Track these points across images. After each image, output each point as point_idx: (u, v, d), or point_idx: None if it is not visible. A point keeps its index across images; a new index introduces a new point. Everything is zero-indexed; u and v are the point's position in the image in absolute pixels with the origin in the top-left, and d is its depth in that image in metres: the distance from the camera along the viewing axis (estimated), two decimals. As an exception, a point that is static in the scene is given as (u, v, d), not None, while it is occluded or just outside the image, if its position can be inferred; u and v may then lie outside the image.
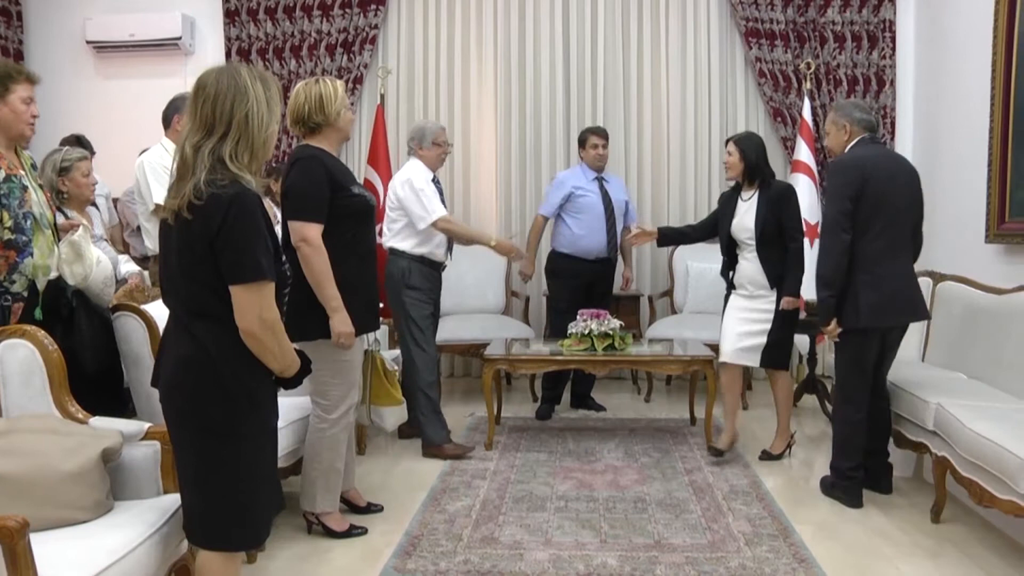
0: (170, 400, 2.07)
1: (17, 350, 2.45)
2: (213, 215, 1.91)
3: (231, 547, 2.11)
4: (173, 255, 2.03)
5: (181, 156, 1.99)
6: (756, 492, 3.74)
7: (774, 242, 4.12)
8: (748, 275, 4.18)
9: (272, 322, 2.00)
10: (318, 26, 6.25)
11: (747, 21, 6.01)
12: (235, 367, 2.00)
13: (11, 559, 1.74)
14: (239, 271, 1.93)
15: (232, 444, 2.02)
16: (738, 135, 4.37)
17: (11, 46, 6.32)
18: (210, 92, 1.98)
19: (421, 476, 4.00)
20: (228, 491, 2.03)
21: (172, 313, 2.10)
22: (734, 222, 4.21)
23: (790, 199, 4.18)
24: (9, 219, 2.78)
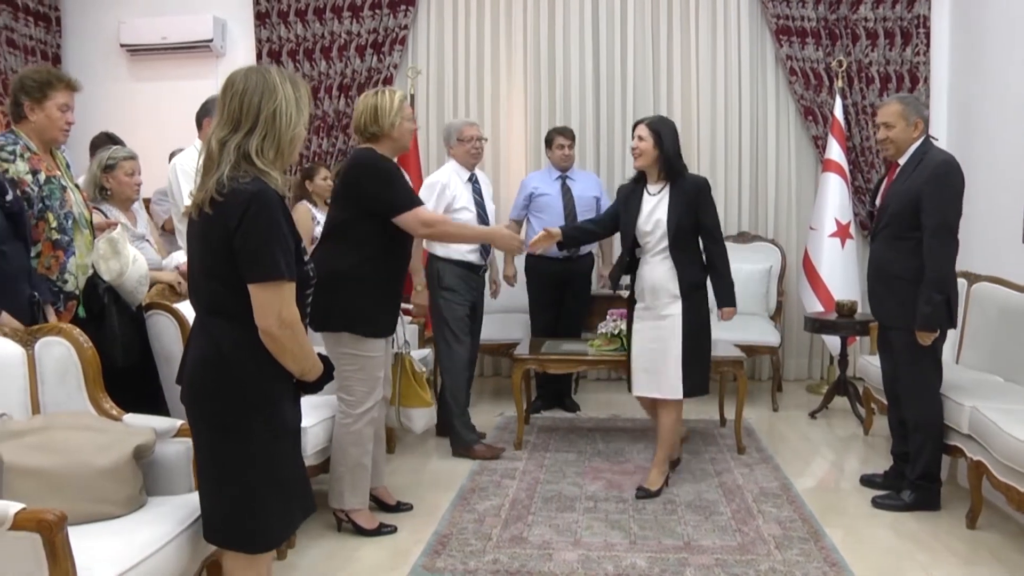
0: (188, 399, 2.08)
1: (53, 348, 2.49)
2: (233, 211, 1.91)
3: (245, 548, 2.09)
4: (196, 252, 2.04)
5: (207, 150, 2.00)
6: (786, 495, 3.70)
7: (689, 244, 3.64)
8: (654, 282, 3.64)
9: (291, 322, 1.97)
10: (348, 27, 6.28)
11: (778, 19, 5.94)
12: (251, 367, 1.99)
13: (50, 551, 1.77)
14: (257, 269, 1.92)
15: (246, 445, 2.00)
16: (651, 117, 3.80)
17: (49, 50, 6.43)
18: (238, 88, 1.99)
19: (450, 475, 4.00)
20: (241, 491, 2.02)
21: (195, 310, 2.12)
22: (640, 219, 3.67)
23: (708, 195, 3.70)
24: (54, 220, 2.84)
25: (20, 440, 2.20)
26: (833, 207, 5.60)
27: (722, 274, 3.67)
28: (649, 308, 3.66)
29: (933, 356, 3.47)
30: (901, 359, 3.54)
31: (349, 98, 6.25)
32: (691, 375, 3.58)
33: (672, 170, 3.64)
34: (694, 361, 3.60)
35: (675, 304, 3.58)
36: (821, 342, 5.92)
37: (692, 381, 3.59)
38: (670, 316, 3.58)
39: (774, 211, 6.16)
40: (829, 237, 5.59)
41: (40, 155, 2.91)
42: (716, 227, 3.67)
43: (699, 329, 3.62)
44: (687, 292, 3.58)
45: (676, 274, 3.59)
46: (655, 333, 3.62)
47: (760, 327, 5.44)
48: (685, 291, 3.58)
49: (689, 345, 3.57)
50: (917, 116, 3.48)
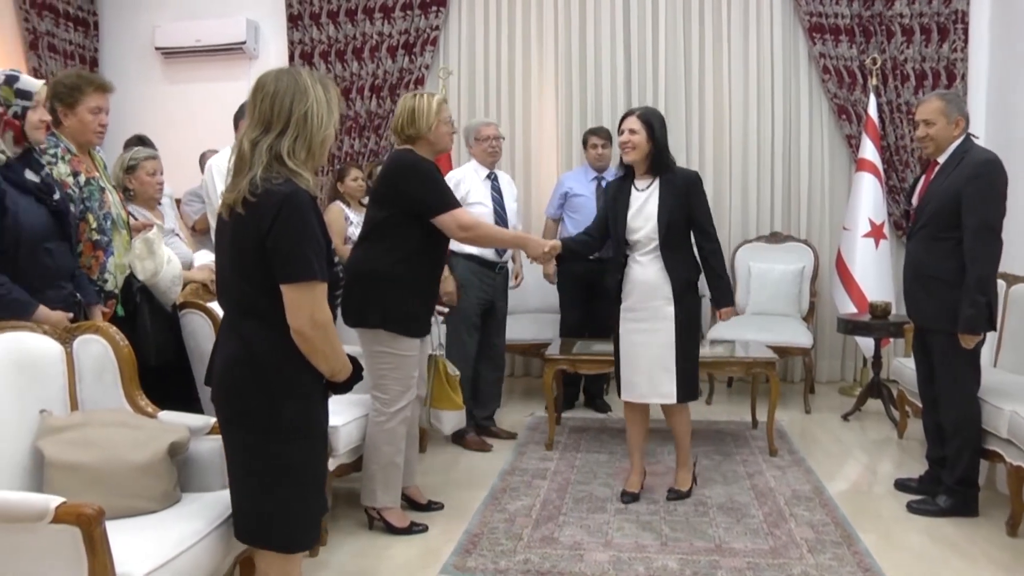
0: (218, 399, 2.10)
1: (91, 346, 2.53)
2: (265, 212, 1.92)
3: (276, 548, 2.10)
4: (227, 252, 2.05)
5: (239, 151, 2.02)
6: (819, 498, 3.65)
7: (681, 241, 3.46)
8: (644, 282, 3.46)
9: (324, 323, 1.99)
10: (379, 28, 6.32)
11: (811, 16, 5.88)
12: (283, 368, 2.00)
13: (89, 544, 1.80)
14: (291, 270, 1.94)
15: (276, 445, 2.02)
16: (640, 108, 3.57)
17: (87, 54, 6.56)
18: (269, 90, 2.01)
19: (481, 475, 4.01)
20: (272, 490, 2.04)
21: (224, 310, 2.14)
22: (629, 217, 3.48)
23: (700, 188, 3.52)
24: (95, 220, 2.89)
25: (60, 436, 2.24)
26: (867, 207, 5.54)
27: (718, 273, 3.51)
28: (638, 309, 3.47)
29: (972, 359, 3.40)
30: (938, 362, 3.48)
31: (380, 99, 6.29)
32: (685, 379, 3.46)
33: (662, 163, 3.46)
34: (688, 365, 3.46)
35: (668, 306, 3.41)
36: (854, 344, 5.85)
37: (687, 385, 3.47)
38: (664, 319, 3.42)
39: (807, 211, 6.09)
40: (863, 237, 5.53)
41: (80, 157, 2.96)
42: (709, 222, 3.50)
43: (693, 331, 3.49)
44: (680, 293, 3.41)
45: (668, 274, 3.41)
46: (648, 338, 3.44)
47: (792, 328, 5.38)
48: (679, 292, 3.41)
49: (683, 349, 3.43)
50: (958, 113, 3.42)
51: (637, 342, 3.47)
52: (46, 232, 2.56)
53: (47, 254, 2.57)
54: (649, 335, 3.44)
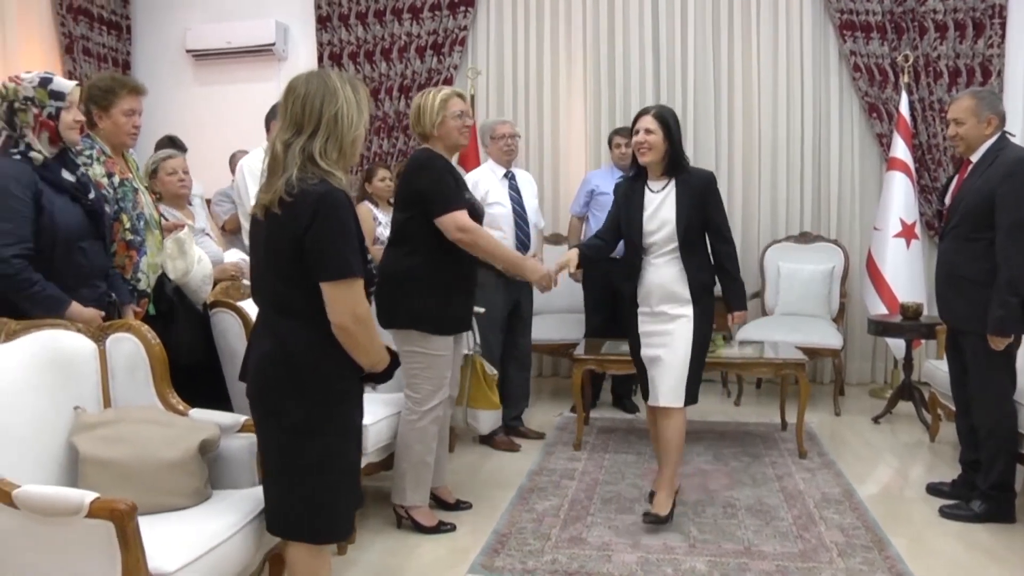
0: (253, 395, 2.13)
1: (123, 344, 2.56)
2: (302, 212, 1.96)
3: (309, 540, 2.15)
4: (261, 251, 2.09)
5: (272, 153, 2.06)
6: (849, 501, 3.61)
7: (698, 243, 3.36)
8: (660, 285, 3.32)
9: (364, 317, 2.04)
10: (408, 29, 6.34)
11: (842, 13, 5.81)
12: (320, 365, 2.04)
13: (122, 539, 1.83)
14: (330, 268, 1.98)
15: (312, 439, 2.06)
16: (655, 107, 3.42)
17: (120, 57, 6.66)
18: (300, 92, 2.05)
19: (509, 475, 4.01)
20: (307, 485, 2.08)
21: (259, 309, 2.16)
22: (645, 219, 3.35)
23: (716, 189, 3.41)
24: (128, 221, 2.94)
25: (93, 432, 2.28)
26: (898, 206, 5.47)
27: (733, 276, 3.40)
28: (655, 313, 3.34)
29: (1006, 361, 3.35)
30: (972, 364, 3.42)
31: (409, 99, 6.31)
32: (692, 382, 3.30)
33: (678, 164, 3.34)
34: (696, 369, 3.32)
35: (686, 307, 3.29)
36: (885, 345, 5.78)
37: (691, 388, 3.31)
38: (679, 318, 3.28)
39: (837, 211, 6.02)
40: (894, 237, 5.46)
41: (114, 158, 3.01)
42: (725, 225, 3.40)
43: (707, 335, 3.36)
44: (698, 295, 3.30)
45: (686, 276, 3.29)
46: (661, 339, 3.31)
47: (822, 329, 5.33)
48: (696, 294, 3.30)
49: (696, 353, 3.29)
50: (990, 112, 3.36)
51: (652, 344, 3.35)
52: (81, 231, 2.60)
53: (82, 253, 2.61)
54: (663, 337, 3.31)
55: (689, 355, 3.28)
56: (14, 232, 2.43)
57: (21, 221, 2.44)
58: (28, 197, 2.46)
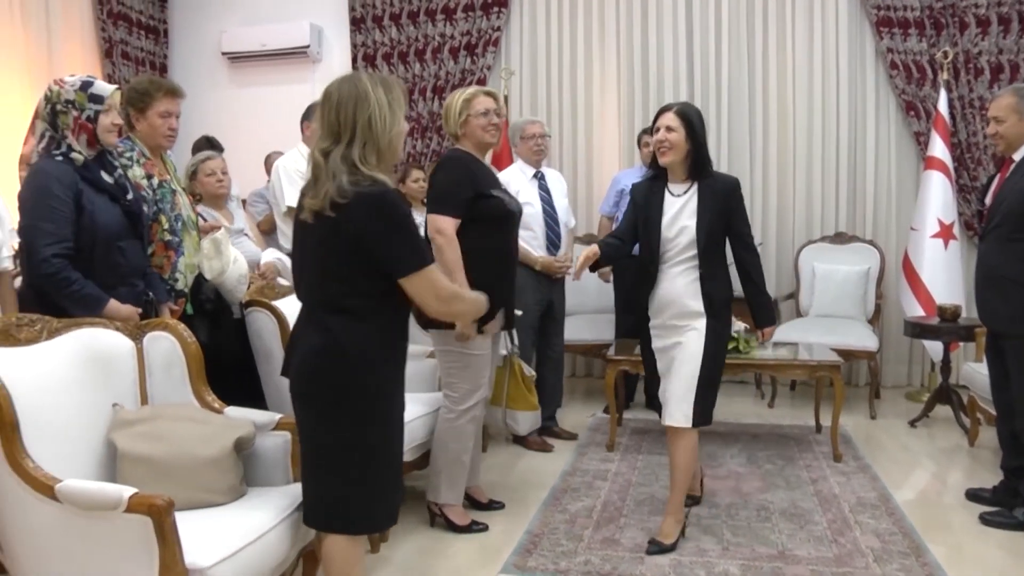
0: (301, 387, 2.16)
1: (160, 342, 2.60)
2: (360, 213, 2.02)
3: (349, 531, 2.19)
4: (311, 252, 2.13)
5: (313, 161, 2.11)
6: (885, 506, 3.55)
7: (718, 254, 3.13)
8: (674, 297, 3.10)
9: (449, 296, 2.19)
10: (441, 30, 6.37)
11: (878, 10, 5.72)
12: (367, 357, 2.10)
13: (160, 534, 1.86)
14: (406, 263, 2.08)
15: (361, 431, 2.12)
16: (679, 104, 3.19)
17: (157, 60, 6.77)
18: (333, 100, 2.10)
19: (542, 475, 4.00)
20: (351, 477, 2.13)
21: (306, 307, 2.20)
22: (664, 225, 3.13)
23: (740, 196, 3.20)
24: (166, 222, 2.99)
25: (131, 429, 2.31)
26: (936, 206, 5.38)
27: (760, 288, 3.18)
28: (667, 326, 3.14)
29: None
30: (1013, 368, 3.35)
31: (443, 100, 6.30)
32: (703, 401, 3.06)
33: (702, 167, 3.12)
34: (709, 387, 3.08)
35: (699, 320, 3.06)
36: (922, 347, 5.69)
37: (703, 408, 3.07)
38: (691, 331, 3.06)
39: (872, 211, 5.94)
40: (931, 238, 5.38)
41: (152, 160, 3.06)
42: (749, 233, 3.19)
43: (720, 351, 3.14)
44: (716, 310, 3.07)
45: (700, 288, 3.06)
46: (671, 352, 3.12)
47: (857, 331, 5.26)
48: (716, 308, 3.07)
49: (707, 368, 3.05)
50: None
51: (665, 359, 3.16)
52: (120, 231, 2.64)
53: (120, 252, 2.65)
54: (674, 351, 3.11)
55: (698, 372, 3.03)
56: (55, 232, 2.48)
57: (62, 221, 2.49)
58: (69, 197, 2.51)
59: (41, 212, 2.48)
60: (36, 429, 2.08)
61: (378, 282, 2.10)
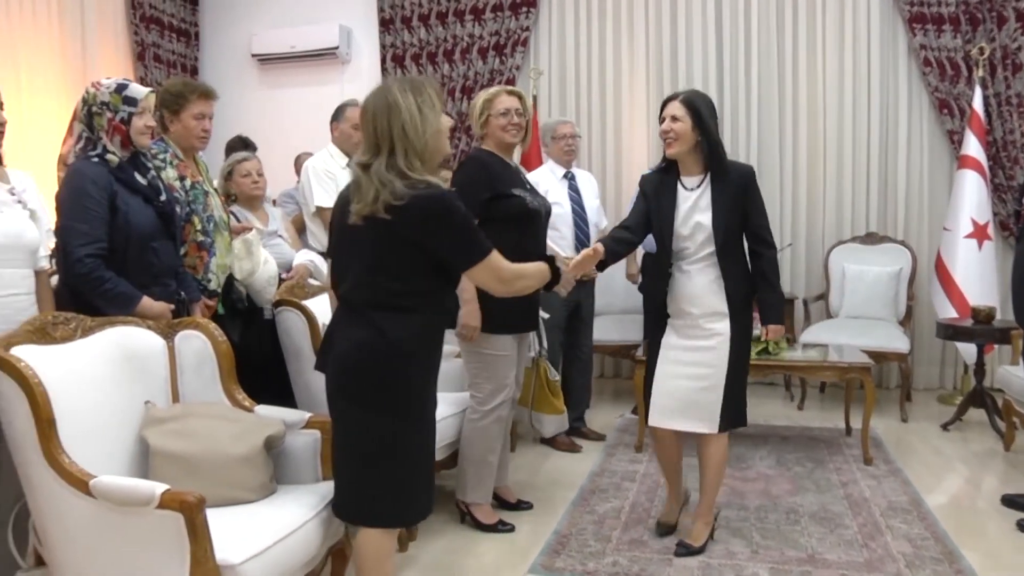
0: (342, 380, 2.20)
1: (191, 341, 2.63)
2: (417, 216, 2.09)
3: (382, 524, 2.23)
4: (359, 252, 2.18)
5: (354, 174, 2.21)
6: (917, 511, 3.50)
7: (737, 249, 3.00)
8: (694, 295, 2.98)
9: (511, 276, 2.28)
10: (470, 30, 6.39)
11: (911, 6, 5.64)
12: (413, 352, 2.17)
13: (191, 530, 1.89)
14: (469, 256, 2.18)
15: (400, 424, 2.17)
16: (686, 92, 3.03)
17: (188, 62, 6.85)
18: (369, 113, 2.20)
19: (570, 476, 4.00)
20: (390, 470, 2.17)
21: (347, 303, 2.23)
22: (677, 222, 2.99)
23: (756, 187, 3.02)
24: (199, 223, 3.03)
25: (163, 426, 2.34)
26: (970, 206, 5.30)
27: (774, 285, 3.01)
28: (687, 326, 3.01)
29: None
30: None
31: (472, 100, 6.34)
32: (731, 405, 2.98)
33: (714, 158, 2.96)
34: (737, 389, 2.99)
35: (722, 322, 2.96)
36: (955, 350, 5.60)
37: (732, 412, 3.00)
38: (716, 336, 2.95)
39: (904, 210, 5.86)
40: (965, 238, 5.29)
41: (185, 162, 3.10)
42: (766, 226, 3.02)
43: (746, 351, 3.04)
44: (739, 308, 2.97)
45: (723, 286, 2.95)
46: (695, 356, 2.98)
47: (888, 332, 5.19)
48: (737, 307, 2.96)
49: (735, 371, 2.97)
50: None
51: (683, 360, 3.01)
52: (153, 231, 2.68)
53: (153, 252, 2.69)
54: (696, 354, 2.99)
55: (724, 379, 2.95)
56: (89, 233, 2.51)
57: (96, 222, 2.53)
58: (104, 198, 2.55)
59: (76, 213, 2.52)
60: (71, 426, 2.11)
61: (432, 280, 2.20)
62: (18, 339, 2.17)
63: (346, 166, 4.29)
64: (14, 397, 2.05)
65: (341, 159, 4.28)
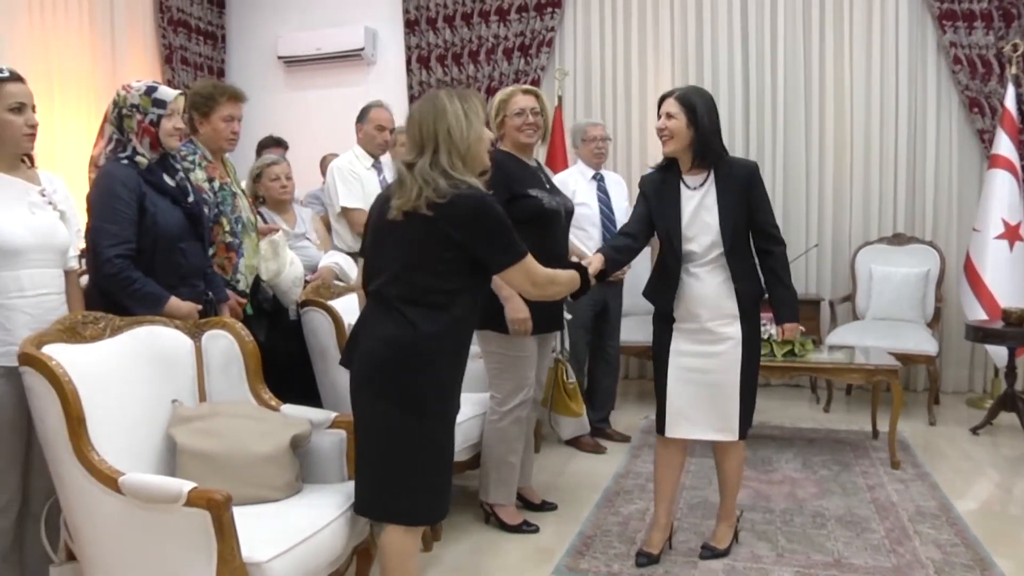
0: (370, 374, 2.22)
1: (218, 340, 2.65)
2: (458, 213, 2.15)
3: (408, 522, 2.25)
4: (395, 248, 2.23)
5: (398, 172, 2.29)
6: (946, 516, 3.45)
7: (745, 248, 2.89)
8: (704, 297, 2.87)
9: (544, 281, 2.35)
10: (495, 31, 6.40)
11: (941, 2, 5.56)
12: (444, 349, 2.20)
13: (218, 527, 1.90)
14: (505, 257, 2.24)
15: (427, 421, 2.20)
16: (683, 88, 2.92)
17: (215, 65, 6.92)
18: (415, 118, 2.28)
19: (594, 477, 3.99)
20: (412, 466, 2.19)
21: (379, 298, 2.25)
22: (684, 223, 2.88)
23: (761, 182, 2.92)
24: (227, 224, 3.06)
25: (190, 425, 2.36)
26: (1000, 206, 5.22)
27: (786, 283, 2.91)
28: (696, 330, 2.90)
29: None
30: None
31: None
32: (746, 410, 2.91)
33: (712, 153, 2.86)
34: (750, 395, 2.92)
35: (732, 325, 2.87)
36: (984, 352, 5.52)
37: (748, 416, 2.94)
38: (728, 340, 2.86)
39: (933, 211, 5.79)
40: (995, 239, 5.21)
41: (214, 163, 3.13)
42: (773, 222, 2.91)
43: (757, 355, 2.95)
44: (749, 310, 2.88)
45: (734, 287, 2.85)
46: (708, 362, 2.89)
47: (916, 334, 5.13)
48: (746, 308, 2.87)
49: (748, 375, 2.89)
50: None
51: (694, 367, 2.90)
52: (181, 232, 2.71)
53: (181, 253, 2.71)
54: (708, 360, 2.89)
55: (739, 384, 2.88)
56: (119, 234, 2.54)
57: (125, 223, 2.56)
58: (133, 200, 2.58)
59: (106, 214, 2.55)
60: (100, 423, 2.14)
61: (467, 278, 2.23)
62: (49, 338, 2.20)
63: (371, 167, 4.31)
64: (46, 395, 2.08)
65: (366, 160, 4.31)
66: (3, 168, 2.38)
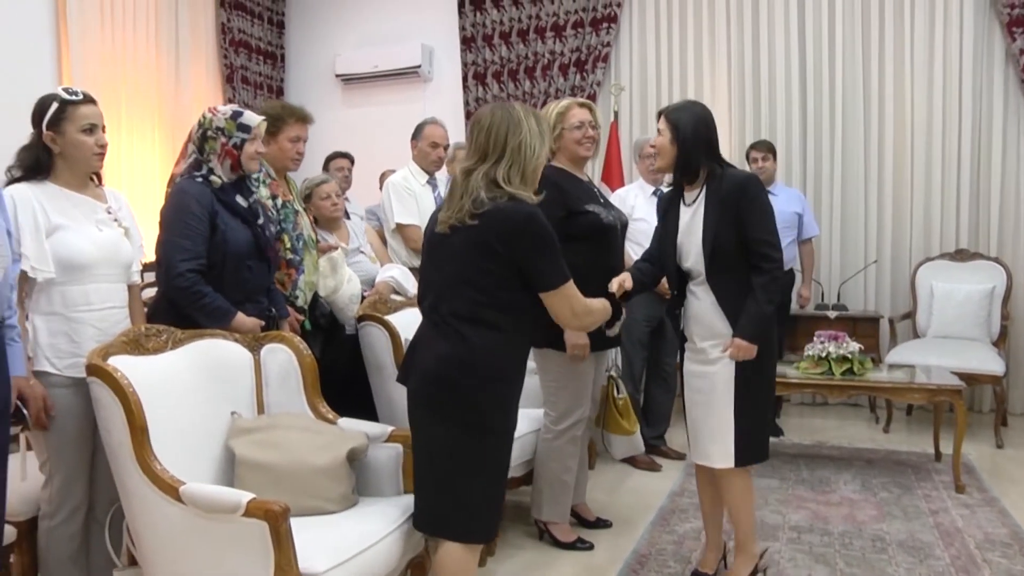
0: (428, 391, 2.22)
1: (277, 354, 2.70)
2: (497, 224, 2.12)
3: (466, 539, 2.23)
4: (446, 262, 2.22)
5: (454, 179, 2.26)
6: (1018, 544, 3.32)
7: (735, 267, 2.73)
8: (699, 318, 2.80)
9: (584, 311, 2.30)
10: (551, 47, 6.43)
11: (1010, 8, 5.39)
12: (501, 368, 2.20)
13: (276, 538, 1.93)
14: (549, 280, 2.20)
15: (485, 439, 2.19)
16: (674, 105, 2.91)
17: (275, 84, 7.08)
18: (484, 124, 2.24)
19: (649, 495, 3.95)
20: (471, 484, 2.19)
21: (435, 316, 2.25)
22: (680, 240, 2.83)
23: (754, 196, 2.74)
24: (289, 241, 3.12)
25: (249, 436, 2.41)
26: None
27: (759, 300, 2.69)
28: (696, 351, 2.83)
29: None
30: None
31: (547, 117, 6.37)
32: (745, 436, 2.75)
33: (691, 170, 2.80)
34: (751, 419, 2.76)
35: (721, 346, 2.76)
36: (1055, 372, 5.35)
37: (747, 444, 2.76)
38: (718, 361, 2.76)
39: (998, 225, 5.61)
40: (1065, 255, 5.05)
41: (277, 181, 3.20)
42: (767, 241, 2.71)
43: (756, 376, 2.75)
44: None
45: (722, 308, 2.74)
46: (700, 382, 2.82)
47: (981, 353, 4.97)
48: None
49: (744, 400, 2.74)
50: None
51: (693, 387, 2.86)
52: (249, 251, 2.77)
53: (248, 271, 2.78)
54: (701, 380, 2.82)
55: (733, 403, 2.74)
56: (191, 249, 2.61)
57: (197, 238, 2.63)
58: (205, 216, 2.65)
59: (179, 229, 2.62)
60: (162, 433, 2.19)
61: (515, 294, 2.20)
62: (114, 350, 2.27)
63: (426, 183, 4.35)
64: (111, 405, 2.15)
65: (421, 176, 4.35)
66: (74, 186, 2.47)
